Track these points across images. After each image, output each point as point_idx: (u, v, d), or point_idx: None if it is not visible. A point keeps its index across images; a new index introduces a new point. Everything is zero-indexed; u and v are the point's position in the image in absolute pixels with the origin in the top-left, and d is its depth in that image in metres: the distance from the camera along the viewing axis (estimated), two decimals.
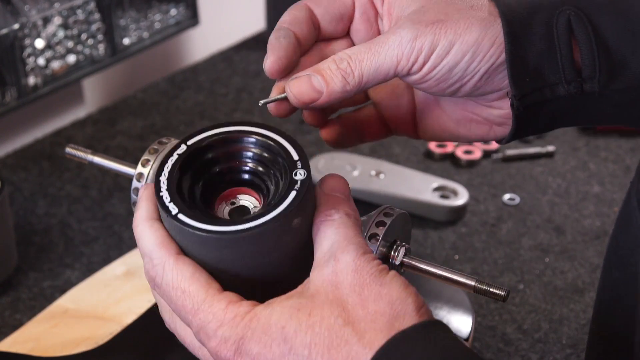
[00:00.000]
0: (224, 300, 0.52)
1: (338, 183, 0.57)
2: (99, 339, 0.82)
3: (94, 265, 0.94)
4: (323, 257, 0.53)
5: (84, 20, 1.13)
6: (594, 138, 1.18)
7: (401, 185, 1.04)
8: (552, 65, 0.56)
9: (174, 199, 0.53)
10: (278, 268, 0.54)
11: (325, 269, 0.52)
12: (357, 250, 0.53)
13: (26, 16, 1.06)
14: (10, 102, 1.07)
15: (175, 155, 0.55)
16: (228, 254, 0.52)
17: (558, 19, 0.56)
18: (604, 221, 1.02)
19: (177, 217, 0.52)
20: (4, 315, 0.88)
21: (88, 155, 0.68)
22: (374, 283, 0.51)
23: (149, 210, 0.56)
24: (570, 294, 0.91)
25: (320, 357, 0.50)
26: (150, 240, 0.55)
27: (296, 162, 0.54)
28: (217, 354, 0.52)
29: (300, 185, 0.53)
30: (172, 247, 0.54)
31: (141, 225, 0.55)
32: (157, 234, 0.55)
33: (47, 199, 1.05)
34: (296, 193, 0.53)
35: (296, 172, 0.54)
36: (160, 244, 0.54)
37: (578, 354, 0.83)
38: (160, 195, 0.53)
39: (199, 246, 0.53)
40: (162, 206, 0.53)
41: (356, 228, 0.54)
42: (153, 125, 1.22)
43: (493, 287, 0.56)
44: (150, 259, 0.54)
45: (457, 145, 1.14)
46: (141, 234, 0.55)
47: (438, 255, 0.96)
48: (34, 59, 1.08)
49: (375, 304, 0.51)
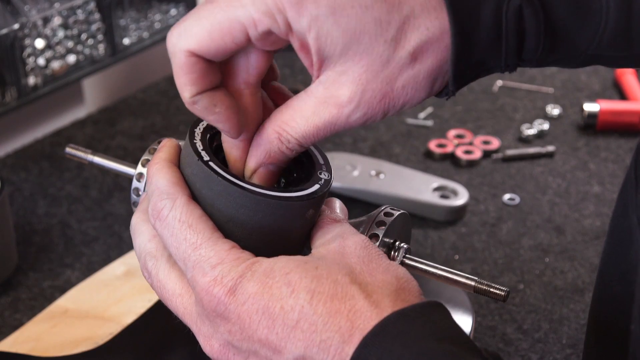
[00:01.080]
0: (228, 243, 0.52)
1: (341, 205, 0.58)
2: (99, 339, 0.82)
3: (94, 265, 0.94)
4: (327, 240, 0.54)
5: (84, 20, 1.13)
6: (594, 138, 1.18)
7: (401, 185, 1.04)
8: (495, 56, 0.53)
9: (206, 148, 0.54)
10: (277, 245, 0.55)
11: (331, 244, 0.53)
12: (365, 237, 0.54)
13: (26, 16, 1.06)
14: (10, 102, 1.07)
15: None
16: (242, 214, 0.53)
17: (509, 6, 0.51)
18: (604, 221, 1.02)
19: (209, 164, 0.53)
20: (4, 315, 0.88)
21: (88, 155, 0.68)
22: (382, 259, 0.52)
23: (170, 154, 0.56)
24: (570, 294, 0.91)
25: (322, 305, 0.48)
26: (166, 177, 0.54)
27: (322, 165, 0.57)
28: (208, 290, 0.50)
29: (324, 182, 0.56)
30: (186, 189, 0.54)
31: (160, 164, 0.55)
32: (175, 174, 0.54)
33: (47, 199, 1.05)
34: (320, 186, 0.55)
35: (321, 172, 0.56)
36: (176, 183, 0.54)
37: (578, 354, 0.83)
38: (194, 142, 0.54)
39: (218, 196, 0.53)
40: (195, 151, 0.54)
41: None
42: (153, 125, 1.21)
43: (493, 287, 0.56)
44: (162, 192, 0.53)
45: (457, 145, 1.14)
46: (158, 171, 0.55)
47: (438, 255, 0.96)
48: (34, 59, 1.08)
49: (383, 274, 0.50)
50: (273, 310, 0.49)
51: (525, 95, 1.29)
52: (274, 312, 0.49)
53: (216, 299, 0.50)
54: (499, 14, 0.51)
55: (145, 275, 0.56)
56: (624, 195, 0.64)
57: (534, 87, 1.30)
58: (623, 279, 0.63)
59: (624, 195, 0.64)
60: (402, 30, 0.50)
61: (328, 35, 0.49)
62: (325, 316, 0.48)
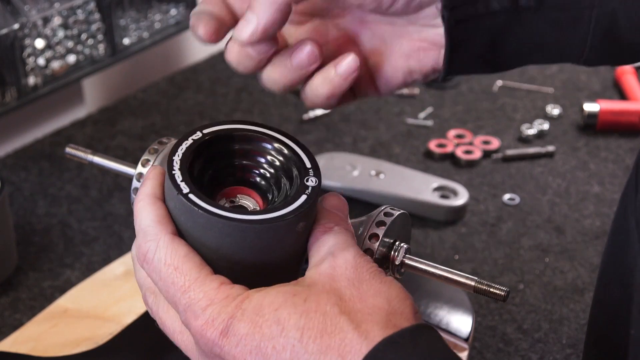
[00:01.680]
0: (217, 280, 0.51)
1: (339, 202, 0.57)
2: (99, 339, 0.82)
3: (94, 265, 0.94)
4: (320, 258, 0.53)
5: (84, 20, 1.13)
6: (594, 138, 1.18)
7: (401, 185, 1.04)
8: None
9: (186, 179, 0.53)
10: (271, 267, 0.54)
11: (322, 265, 0.52)
12: (357, 252, 0.53)
13: (26, 16, 1.06)
14: (10, 102, 1.07)
15: (190, 140, 0.56)
16: (229, 242, 0.52)
17: None
18: (604, 221, 1.02)
19: (188, 197, 0.52)
20: (4, 315, 0.88)
21: (88, 155, 0.68)
22: (373, 280, 0.51)
23: (153, 187, 0.55)
24: (570, 294, 0.91)
25: (312, 342, 0.48)
26: (149, 216, 0.54)
27: (308, 170, 0.56)
28: (201, 334, 0.50)
29: (311, 191, 0.54)
30: (169, 226, 0.53)
31: (143, 200, 0.55)
32: (157, 212, 0.54)
33: (47, 199, 1.05)
34: (307, 197, 0.54)
35: (308, 178, 0.55)
36: (158, 221, 0.53)
37: (578, 354, 0.83)
38: (172, 173, 0.53)
39: (201, 228, 0.53)
40: (174, 184, 0.53)
41: (354, 239, 0.55)
42: (153, 125, 1.21)
43: (493, 287, 0.56)
44: (145, 234, 0.53)
45: (457, 145, 1.14)
46: (141, 209, 0.54)
47: (438, 255, 0.96)
48: (34, 59, 1.08)
49: (373, 298, 0.50)
50: (265, 351, 0.49)
51: (525, 95, 1.29)
52: (266, 352, 0.49)
53: (211, 342, 0.50)
54: None
55: (147, 309, 0.56)
56: (625, 198, 0.64)
57: (534, 87, 1.30)
58: (621, 282, 0.63)
59: (625, 198, 0.64)
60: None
61: None
62: (316, 354, 0.48)
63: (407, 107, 1.25)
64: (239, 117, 1.24)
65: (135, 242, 0.54)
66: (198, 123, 1.22)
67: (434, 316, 0.82)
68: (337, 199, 0.57)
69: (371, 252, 0.58)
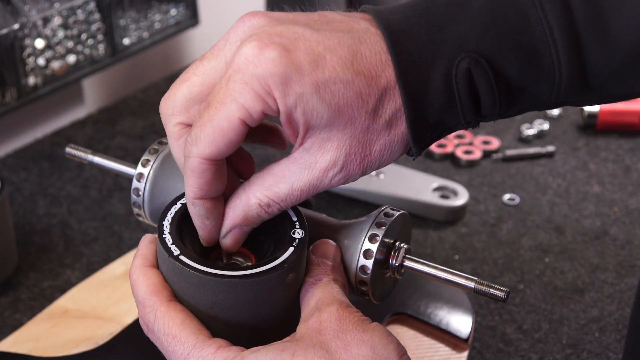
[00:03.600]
0: (214, 345, 0.54)
1: (329, 250, 0.59)
2: (99, 339, 0.82)
3: (94, 265, 0.94)
4: (309, 312, 0.55)
5: (84, 20, 1.13)
6: (594, 138, 1.18)
7: (401, 185, 1.04)
8: (452, 116, 0.55)
9: (176, 242, 0.56)
10: (267, 320, 0.56)
11: (310, 320, 0.54)
12: (341, 304, 0.55)
13: (26, 16, 1.06)
14: (10, 102, 1.07)
15: (179, 204, 0.58)
16: (222, 299, 0.54)
17: (457, 70, 0.54)
18: (604, 221, 1.02)
19: (179, 258, 0.55)
20: (4, 315, 0.88)
21: (88, 155, 0.68)
22: (356, 329, 0.53)
23: (145, 257, 0.58)
24: (570, 294, 0.91)
25: None
26: (143, 287, 0.56)
27: (295, 223, 0.58)
28: None
29: (298, 243, 0.56)
30: (164, 294, 0.56)
31: (136, 273, 0.57)
32: (150, 281, 0.57)
33: (47, 199, 1.05)
34: (294, 249, 0.56)
35: (294, 231, 0.57)
36: (153, 292, 0.56)
37: (578, 354, 0.83)
38: (163, 237, 0.56)
39: (194, 288, 0.55)
40: (165, 247, 0.55)
41: (342, 290, 0.57)
42: (153, 125, 1.21)
43: (493, 287, 0.56)
44: (143, 306, 0.56)
45: (457, 145, 1.14)
46: (136, 281, 0.57)
47: (438, 255, 0.96)
48: (34, 59, 1.08)
49: (357, 347, 0.52)
50: None
51: None
52: None
53: None
54: (449, 79, 0.54)
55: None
56: None
57: None
58: None
59: None
60: (380, 102, 0.54)
61: (314, 110, 0.52)
62: None
63: None
64: None
65: (138, 313, 0.57)
66: None
67: (434, 316, 0.82)
68: (327, 246, 0.59)
69: (371, 252, 0.58)
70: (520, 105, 0.56)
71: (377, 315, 0.82)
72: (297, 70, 0.51)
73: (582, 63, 0.54)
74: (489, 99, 0.55)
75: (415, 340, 0.81)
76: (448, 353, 0.80)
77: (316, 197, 0.59)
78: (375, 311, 0.81)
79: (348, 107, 0.53)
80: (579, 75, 0.55)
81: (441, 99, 0.54)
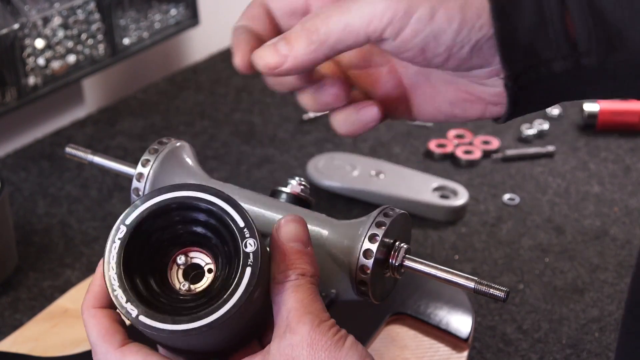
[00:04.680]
0: None
1: (295, 229, 0.55)
2: None
3: (94, 265, 0.94)
4: (281, 324, 0.53)
5: (84, 20, 1.13)
6: (594, 138, 1.18)
7: (401, 185, 1.04)
8: (545, 41, 0.52)
9: (129, 296, 0.51)
10: (240, 335, 0.55)
11: (282, 341, 0.52)
12: (312, 322, 0.52)
13: (26, 16, 1.06)
14: (10, 102, 1.07)
15: (117, 240, 0.53)
16: (195, 341, 0.52)
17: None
18: (604, 221, 1.02)
19: (139, 320, 0.51)
20: (4, 315, 0.88)
21: (88, 155, 0.68)
22: (329, 358, 0.51)
23: (95, 296, 0.55)
24: (570, 294, 0.91)
25: None
26: (94, 331, 0.54)
27: (243, 230, 0.52)
28: None
29: (253, 260, 0.52)
30: (116, 338, 0.54)
31: (85, 313, 0.55)
32: (101, 325, 0.54)
33: (47, 199, 1.05)
34: (251, 270, 0.51)
35: (245, 242, 0.52)
36: (104, 337, 0.54)
37: (578, 354, 0.83)
38: (115, 295, 0.51)
39: (162, 339, 0.53)
40: (121, 308, 0.51)
41: (312, 290, 0.54)
42: (153, 125, 1.21)
43: (493, 287, 0.56)
44: (95, 352, 0.54)
45: (457, 145, 1.14)
46: (86, 323, 0.55)
47: (438, 255, 0.96)
48: (34, 59, 1.08)
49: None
50: None
51: None
52: None
53: None
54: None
55: None
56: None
57: None
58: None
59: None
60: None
61: None
62: None
63: None
64: (239, 116, 1.23)
65: (92, 355, 0.55)
66: (198, 123, 1.22)
67: (434, 316, 0.82)
68: (291, 226, 0.55)
69: (371, 252, 0.58)
70: (622, 54, 0.52)
71: (377, 315, 0.82)
72: None
73: None
74: (583, 27, 0.51)
75: (415, 340, 0.81)
76: (448, 353, 0.80)
77: (316, 197, 0.59)
78: (375, 311, 0.81)
79: None
80: None
81: (531, 17, 0.51)
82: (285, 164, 1.12)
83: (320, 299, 0.54)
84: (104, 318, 0.54)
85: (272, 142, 1.17)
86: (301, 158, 1.13)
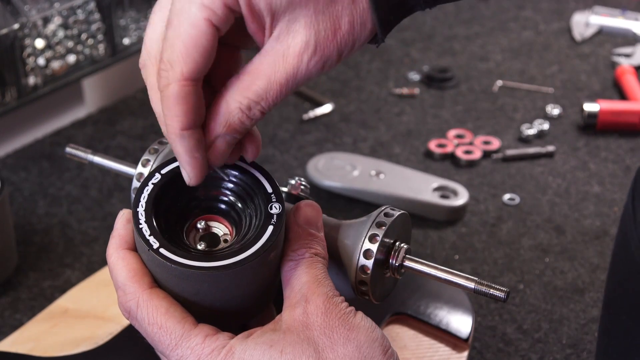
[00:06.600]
0: (201, 334, 0.53)
1: (312, 213, 0.57)
2: (99, 339, 0.82)
3: (94, 265, 0.94)
4: (294, 296, 0.55)
5: (84, 20, 1.13)
6: (594, 138, 1.18)
7: (401, 185, 1.04)
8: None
9: (154, 231, 0.54)
10: (251, 298, 0.56)
11: (296, 309, 0.54)
12: (327, 293, 0.54)
13: (26, 16, 1.06)
14: (10, 102, 1.07)
15: (150, 184, 0.56)
16: (206, 288, 0.54)
17: None
18: (604, 221, 1.02)
19: (159, 252, 0.53)
20: (4, 315, 0.88)
21: (88, 155, 0.68)
22: (342, 327, 0.53)
23: (122, 239, 0.56)
24: (570, 294, 0.91)
25: None
26: (123, 272, 0.55)
27: (270, 195, 0.55)
28: None
29: (277, 220, 0.54)
30: (145, 280, 0.55)
31: (114, 255, 0.56)
32: (130, 267, 0.55)
33: (47, 199, 1.05)
34: (274, 228, 0.54)
35: (271, 205, 0.55)
36: (133, 278, 0.55)
37: (578, 354, 0.83)
38: (140, 227, 0.54)
39: (177, 279, 0.54)
40: (143, 239, 0.53)
41: (324, 269, 0.56)
42: (153, 125, 1.21)
43: (493, 287, 0.56)
44: (124, 292, 0.55)
45: (457, 145, 1.14)
46: (114, 264, 0.55)
47: (438, 255, 0.96)
48: (34, 59, 1.08)
49: (344, 347, 0.52)
50: None
51: (525, 95, 1.29)
52: None
53: None
54: None
55: None
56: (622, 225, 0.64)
57: (534, 87, 1.30)
58: (632, 310, 0.63)
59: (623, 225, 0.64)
60: None
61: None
62: None
63: (407, 107, 1.25)
64: None
65: (118, 298, 0.55)
66: None
67: (434, 316, 0.82)
68: (309, 210, 0.57)
69: (371, 252, 0.58)
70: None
71: (377, 315, 0.82)
72: None
73: None
74: None
75: (415, 340, 0.81)
76: (448, 353, 0.80)
77: (316, 197, 0.59)
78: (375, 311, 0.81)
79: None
80: None
81: None
82: (285, 164, 1.12)
83: (331, 280, 0.56)
84: (133, 259, 0.55)
85: (272, 142, 1.17)
86: (301, 158, 1.13)
